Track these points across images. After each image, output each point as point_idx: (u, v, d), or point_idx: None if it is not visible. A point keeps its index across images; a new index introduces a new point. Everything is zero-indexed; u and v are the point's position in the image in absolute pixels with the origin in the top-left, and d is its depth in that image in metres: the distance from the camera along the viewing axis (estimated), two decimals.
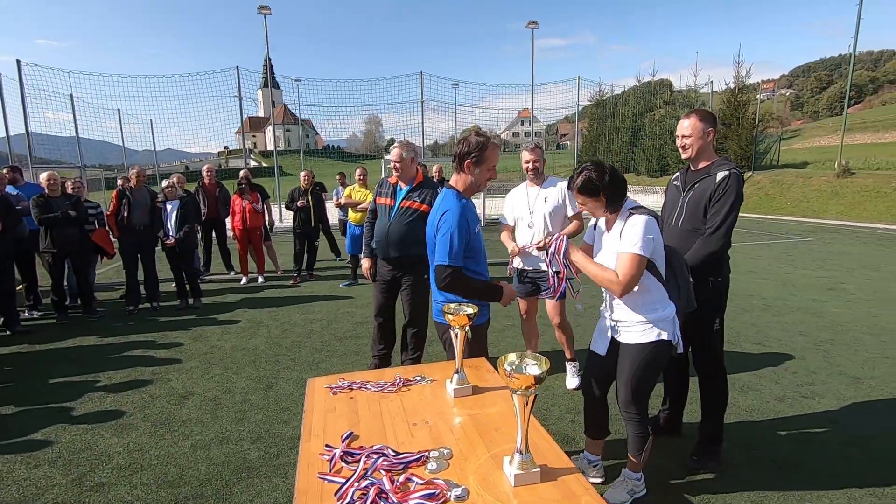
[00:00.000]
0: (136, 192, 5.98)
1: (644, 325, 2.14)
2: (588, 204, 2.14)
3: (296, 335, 5.06)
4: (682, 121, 2.62)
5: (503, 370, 1.31)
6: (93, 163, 22.90)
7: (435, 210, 2.28)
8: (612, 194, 2.09)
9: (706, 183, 2.55)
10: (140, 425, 3.28)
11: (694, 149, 2.58)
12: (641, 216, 2.05)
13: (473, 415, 1.72)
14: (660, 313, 2.13)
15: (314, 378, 2.08)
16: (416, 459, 1.43)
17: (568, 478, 1.36)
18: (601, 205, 2.12)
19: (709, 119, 2.57)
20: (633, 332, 2.18)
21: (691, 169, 2.70)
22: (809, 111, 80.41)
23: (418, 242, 3.58)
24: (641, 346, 2.15)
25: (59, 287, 5.75)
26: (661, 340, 2.14)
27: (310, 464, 1.45)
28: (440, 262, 2.17)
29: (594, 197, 2.10)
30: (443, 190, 2.34)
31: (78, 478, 2.70)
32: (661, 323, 2.13)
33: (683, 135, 2.59)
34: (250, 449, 2.96)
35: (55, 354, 4.67)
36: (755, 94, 24.36)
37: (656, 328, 2.13)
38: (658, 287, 2.13)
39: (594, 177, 2.07)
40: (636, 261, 2.00)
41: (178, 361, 4.41)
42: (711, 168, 2.57)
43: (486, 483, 1.34)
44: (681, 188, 2.71)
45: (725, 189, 2.48)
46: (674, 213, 2.71)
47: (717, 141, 21.42)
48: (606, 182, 2.07)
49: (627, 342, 2.20)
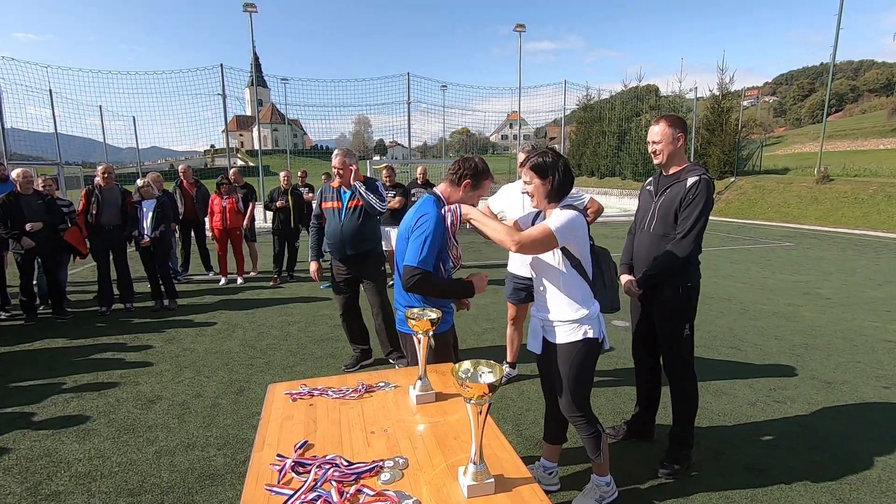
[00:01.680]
0: (106, 190, 5.82)
1: (570, 325, 2.14)
2: (534, 183, 2.13)
3: (272, 338, 4.98)
4: (653, 126, 2.62)
5: (456, 379, 1.28)
6: (75, 160, 22.43)
7: (412, 211, 2.26)
8: (559, 184, 2.11)
9: (677, 188, 2.55)
10: (103, 431, 3.18)
11: (664, 154, 2.58)
12: (572, 210, 2.08)
13: (434, 422, 1.69)
14: (584, 311, 2.13)
15: (275, 384, 2.03)
16: (370, 470, 1.39)
17: (523, 488, 1.33)
18: (545, 191, 2.12)
19: (678, 124, 2.56)
20: (560, 331, 2.17)
21: (663, 174, 2.70)
22: (792, 118, 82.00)
23: (369, 238, 3.91)
24: (570, 345, 2.15)
25: (28, 287, 5.59)
26: (587, 338, 2.14)
27: (259, 474, 1.40)
28: (409, 263, 2.14)
29: (543, 178, 2.11)
30: (427, 195, 2.33)
31: (34, 486, 2.60)
32: (587, 321, 2.14)
33: (654, 140, 2.60)
34: (216, 455, 2.88)
35: (20, 356, 4.53)
36: (739, 101, 24.73)
37: (582, 326, 2.13)
38: (583, 286, 2.15)
39: (549, 160, 2.10)
40: (547, 235, 1.99)
41: (148, 364, 4.30)
42: (682, 173, 2.57)
43: (438, 494, 1.30)
44: (653, 193, 2.71)
45: (695, 195, 2.48)
46: (646, 218, 2.70)
47: (700, 146, 21.71)
48: (560, 170, 2.10)
49: (556, 342, 2.19)
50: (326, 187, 4.01)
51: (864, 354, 4.44)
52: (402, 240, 2.28)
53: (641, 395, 2.99)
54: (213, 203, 7.18)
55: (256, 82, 17.78)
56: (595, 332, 2.15)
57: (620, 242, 2.90)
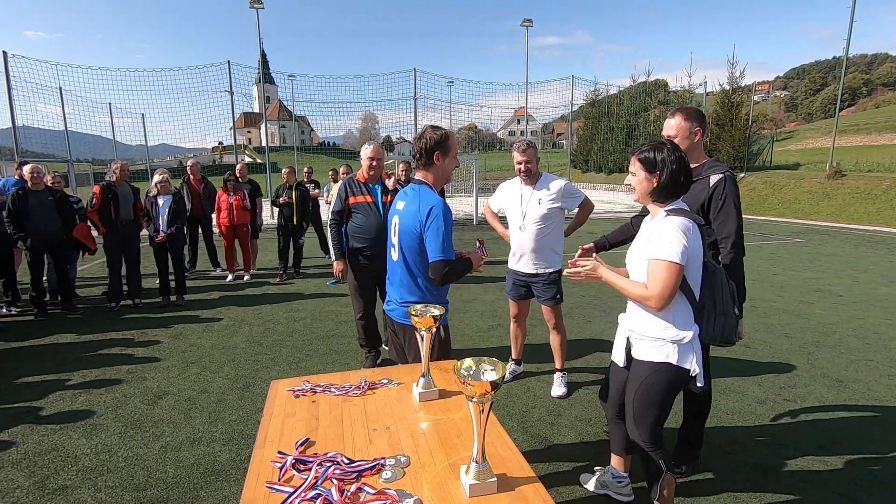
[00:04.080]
0: (120, 187, 5.88)
1: (653, 342, 1.90)
2: (638, 177, 1.92)
3: (278, 334, 4.99)
4: (668, 119, 2.51)
5: (458, 376, 1.26)
6: (85, 157, 22.66)
7: (416, 205, 2.20)
8: (669, 181, 1.85)
9: (699, 186, 2.41)
10: (110, 426, 3.20)
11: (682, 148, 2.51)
12: (678, 218, 1.81)
13: (437, 420, 1.67)
14: (673, 332, 1.86)
15: (277, 381, 2.02)
16: (371, 468, 1.37)
17: (525, 487, 1.30)
18: (650, 187, 1.89)
19: (695, 117, 2.43)
20: (644, 345, 1.95)
21: None
22: (803, 113, 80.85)
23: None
24: (650, 364, 1.92)
25: (38, 283, 5.65)
26: (668, 364, 1.87)
27: (260, 472, 1.39)
28: (440, 258, 2.12)
29: (650, 172, 1.88)
30: (414, 186, 2.27)
31: (41, 480, 2.62)
32: (674, 344, 1.86)
33: (669, 134, 2.47)
34: (221, 451, 2.89)
35: (30, 352, 4.58)
36: (749, 96, 24.42)
37: (666, 347, 1.87)
38: (684, 305, 1.87)
39: (661, 154, 1.86)
40: (670, 270, 1.76)
41: (155, 360, 4.33)
42: (703, 170, 2.45)
43: (440, 493, 1.28)
44: None
45: (723, 196, 2.33)
46: None
47: (710, 141, 21.47)
48: (673, 166, 1.84)
49: (638, 357, 1.98)
50: (352, 181, 3.78)
51: (877, 353, 4.36)
52: (408, 233, 2.22)
53: None
54: (219, 200, 7.21)
55: (264, 79, 17.82)
56: (682, 360, 1.87)
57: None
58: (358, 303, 3.93)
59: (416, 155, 2.25)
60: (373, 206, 3.71)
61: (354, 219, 3.76)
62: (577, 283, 2.02)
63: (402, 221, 2.25)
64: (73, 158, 16.61)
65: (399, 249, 2.26)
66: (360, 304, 3.92)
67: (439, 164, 2.25)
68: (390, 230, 2.35)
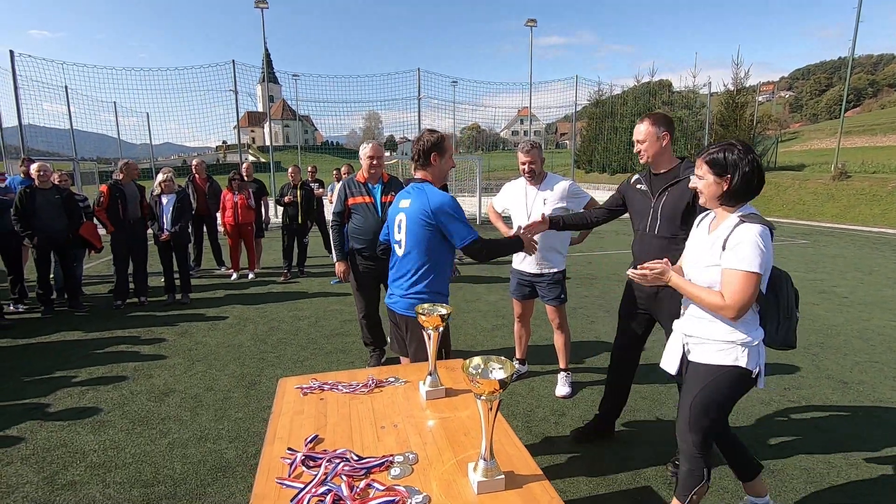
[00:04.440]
0: (126, 185, 5.92)
1: (722, 345, 1.85)
2: (706, 180, 1.85)
3: (283, 332, 5.02)
4: (637, 125, 2.59)
5: (467, 375, 1.27)
6: (90, 156, 22.75)
7: (424, 201, 2.29)
8: (740, 185, 1.78)
9: (680, 188, 2.48)
10: (118, 422, 3.23)
11: (649, 153, 2.55)
12: (755, 225, 1.75)
13: (444, 418, 1.68)
14: (743, 336, 1.82)
15: (286, 378, 2.04)
16: (379, 465, 1.39)
17: (533, 485, 1.32)
18: (719, 190, 1.82)
19: (662, 122, 2.52)
20: (706, 349, 1.90)
21: (653, 173, 2.64)
22: (808, 114, 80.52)
23: None
24: (714, 367, 1.87)
25: (44, 281, 5.69)
26: (737, 367, 1.83)
27: (270, 468, 1.41)
28: (469, 239, 2.27)
29: (720, 175, 1.80)
30: (416, 185, 2.39)
31: (50, 476, 2.65)
32: (743, 348, 1.82)
33: (638, 140, 2.57)
34: (228, 448, 2.91)
35: (37, 349, 4.62)
36: (754, 96, 24.36)
37: (735, 351, 1.83)
38: (751, 308, 1.84)
39: (732, 155, 1.78)
40: (749, 280, 1.71)
41: (161, 357, 4.36)
42: (680, 171, 2.52)
43: (448, 490, 1.30)
44: (650, 194, 2.63)
45: None
46: (645, 220, 2.63)
47: (714, 142, 21.42)
48: (744, 169, 1.77)
49: (698, 360, 1.92)
50: (351, 182, 3.80)
51: (882, 354, 4.35)
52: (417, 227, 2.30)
53: (615, 397, 2.94)
54: (224, 198, 7.24)
55: (268, 78, 17.86)
56: (750, 362, 1.83)
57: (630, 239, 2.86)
58: (360, 302, 3.96)
59: (415, 156, 2.38)
60: (371, 207, 3.72)
61: (354, 220, 3.79)
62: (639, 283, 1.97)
63: (410, 218, 2.33)
64: (78, 157, 16.69)
65: (405, 245, 2.35)
66: (363, 304, 3.95)
67: (436, 164, 2.39)
68: (394, 228, 2.43)
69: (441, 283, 2.40)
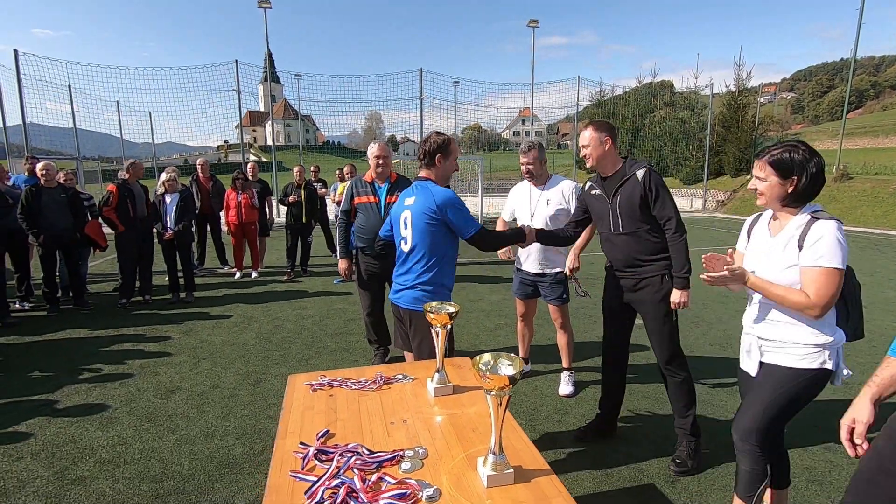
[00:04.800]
0: (133, 185, 5.96)
1: (807, 349, 1.82)
2: (769, 182, 1.82)
3: (287, 331, 5.05)
4: (582, 132, 2.72)
5: (477, 371, 1.30)
6: (92, 154, 22.82)
7: (429, 197, 2.39)
8: (806, 187, 1.77)
9: (630, 185, 2.60)
10: (125, 419, 3.26)
11: (593, 157, 2.66)
12: (831, 221, 1.74)
13: (452, 414, 1.71)
14: (828, 338, 1.80)
15: (295, 375, 2.06)
16: (390, 459, 1.42)
17: (541, 479, 1.35)
18: (783, 192, 1.80)
19: (604, 128, 2.64)
20: (788, 353, 1.86)
21: (602, 176, 2.74)
22: (810, 115, 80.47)
23: None
24: (798, 371, 1.83)
25: (51, 279, 5.73)
26: (823, 370, 1.81)
27: (283, 461, 1.44)
28: (474, 231, 2.41)
29: (784, 177, 1.78)
30: (420, 183, 2.48)
31: (60, 471, 2.68)
32: (829, 350, 1.81)
33: (582, 145, 2.69)
34: (235, 444, 2.95)
35: (44, 346, 4.65)
36: (755, 97, 24.36)
37: (822, 355, 1.81)
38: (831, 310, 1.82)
39: (797, 157, 1.76)
40: (834, 276, 1.69)
41: (167, 355, 4.39)
42: (626, 169, 2.64)
43: (458, 484, 1.33)
44: (605, 196, 2.70)
45: (655, 185, 2.55)
46: (608, 222, 2.71)
47: (716, 143, 21.45)
48: (810, 171, 1.75)
49: (778, 363, 1.89)
50: (359, 181, 3.84)
51: (884, 355, 4.36)
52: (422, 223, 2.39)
53: (613, 395, 3.00)
54: (228, 198, 7.28)
55: (270, 78, 17.90)
56: (833, 363, 1.83)
57: None
58: (365, 300, 4.00)
59: (421, 156, 2.48)
60: (375, 207, 3.74)
61: (358, 219, 3.84)
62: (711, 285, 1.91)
63: (415, 214, 2.41)
64: (81, 156, 16.73)
65: (412, 240, 2.42)
66: (367, 302, 3.98)
67: (440, 165, 2.49)
68: (399, 224, 2.51)
69: (446, 276, 2.49)
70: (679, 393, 2.73)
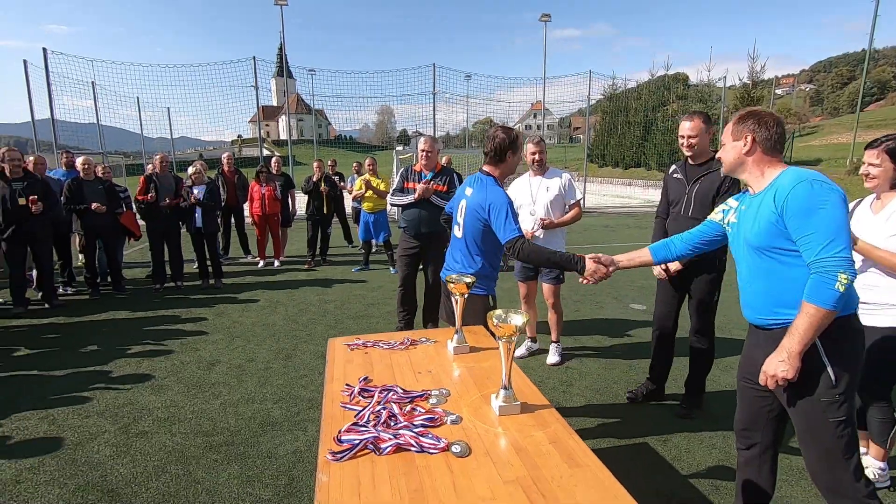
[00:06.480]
0: (162, 177, 6.35)
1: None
2: (883, 167, 2.19)
3: (311, 313, 5.41)
4: (686, 122, 2.97)
5: (492, 321, 1.61)
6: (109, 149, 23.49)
7: (483, 196, 2.53)
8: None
9: (713, 177, 2.90)
10: (174, 386, 3.65)
11: (699, 146, 2.95)
12: None
13: (469, 367, 2.03)
14: None
15: (334, 338, 2.40)
16: (420, 396, 1.74)
17: (543, 411, 1.66)
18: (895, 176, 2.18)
19: (710, 121, 2.99)
20: (888, 315, 2.21)
21: (690, 163, 3.04)
22: (829, 107, 78.84)
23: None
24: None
25: (92, 265, 6.17)
26: None
27: (333, 398, 1.77)
28: (513, 236, 2.39)
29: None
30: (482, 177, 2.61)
31: (124, 426, 3.07)
32: None
33: (689, 135, 2.94)
34: (273, 408, 3.31)
35: (91, 326, 5.07)
36: (771, 90, 24.18)
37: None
38: None
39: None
40: None
41: (203, 334, 4.78)
42: (712, 164, 2.93)
43: (476, 413, 1.65)
44: (685, 181, 3.03)
45: (731, 183, 2.86)
46: (680, 204, 3.04)
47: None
48: None
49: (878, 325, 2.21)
50: (409, 169, 4.44)
51: None
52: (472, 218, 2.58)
53: (662, 365, 3.36)
54: (252, 190, 7.66)
55: (286, 73, 18.28)
56: None
57: (646, 232, 3.20)
58: (401, 272, 4.41)
59: (490, 151, 2.58)
60: (412, 193, 4.28)
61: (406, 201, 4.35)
62: None
63: (469, 207, 2.62)
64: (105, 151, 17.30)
65: (463, 228, 2.65)
66: (402, 274, 4.39)
67: (509, 161, 2.62)
68: (457, 211, 2.75)
69: (487, 267, 2.65)
70: (700, 359, 3.15)
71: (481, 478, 1.31)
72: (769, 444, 1.96)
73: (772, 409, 1.90)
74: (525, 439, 1.50)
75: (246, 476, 2.57)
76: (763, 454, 1.97)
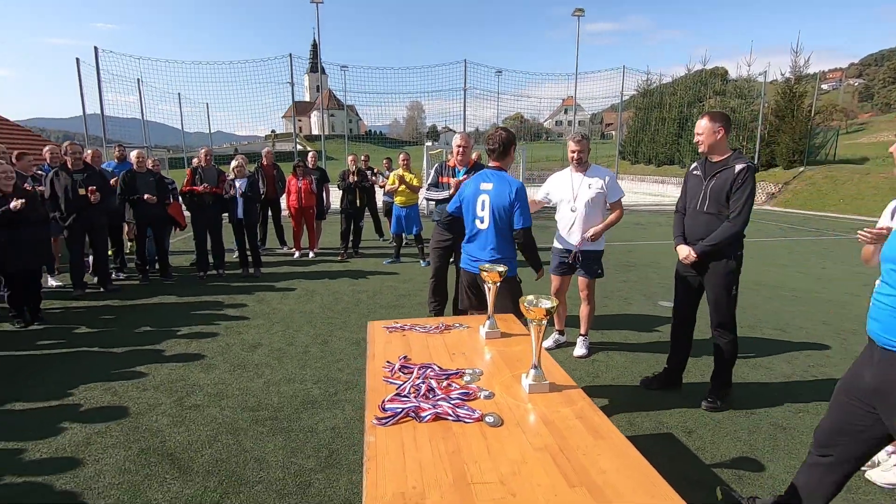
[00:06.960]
0: (206, 170, 6.69)
1: None
2: None
3: (346, 303, 5.64)
4: (699, 120, 3.09)
5: (523, 306, 1.74)
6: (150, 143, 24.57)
7: (507, 187, 2.89)
8: None
9: (727, 173, 2.99)
10: (221, 366, 3.91)
11: (705, 144, 3.05)
12: None
13: (500, 351, 2.17)
14: None
15: (374, 322, 2.57)
16: (455, 373, 1.89)
17: (570, 391, 1.78)
18: None
19: (718, 119, 3.02)
20: None
21: (709, 160, 3.12)
22: (880, 103, 74.87)
23: None
24: None
25: (142, 253, 6.57)
26: None
27: (375, 374, 1.93)
28: (527, 225, 2.89)
29: None
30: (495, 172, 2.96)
31: (178, 399, 3.34)
32: None
33: (697, 132, 3.09)
34: (313, 388, 3.52)
35: (143, 309, 5.44)
36: (814, 85, 23.22)
37: None
38: None
39: None
40: None
41: (245, 319, 5.06)
42: (729, 160, 3.02)
43: (507, 390, 1.78)
44: (702, 177, 3.12)
45: (744, 180, 2.94)
46: (697, 199, 3.13)
47: (769, 134, 20.70)
48: None
49: None
50: (443, 164, 4.74)
51: None
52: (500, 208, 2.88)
53: (681, 351, 3.45)
54: (289, 184, 7.97)
55: (320, 69, 18.69)
56: None
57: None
58: (434, 263, 4.59)
59: (498, 146, 2.93)
60: (446, 188, 4.52)
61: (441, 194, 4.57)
62: (868, 242, 2.13)
63: (493, 199, 2.87)
64: (150, 145, 18.13)
65: (490, 220, 2.89)
66: (435, 265, 4.57)
67: (511, 155, 2.99)
68: (477, 205, 2.95)
69: (512, 250, 3.00)
70: (722, 351, 3.22)
71: (513, 444, 1.45)
72: (847, 459, 1.92)
73: (865, 430, 1.83)
74: (553, 414, 1.62)
75: (290, 448, 2.78)
76: (835, 466, 1.94)
